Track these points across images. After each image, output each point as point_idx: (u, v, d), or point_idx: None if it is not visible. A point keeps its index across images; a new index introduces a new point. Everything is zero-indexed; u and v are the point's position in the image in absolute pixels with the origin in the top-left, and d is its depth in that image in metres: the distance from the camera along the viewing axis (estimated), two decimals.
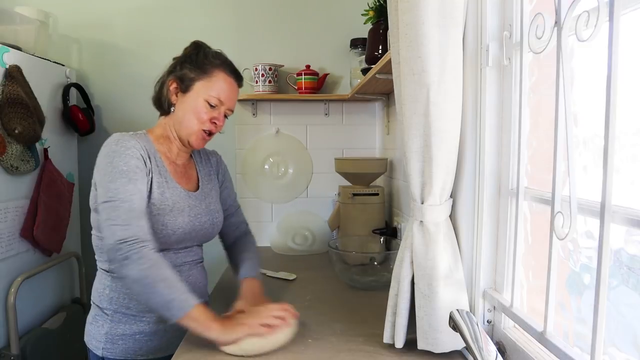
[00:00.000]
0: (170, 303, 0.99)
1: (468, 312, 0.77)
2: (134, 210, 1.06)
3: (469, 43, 0.97)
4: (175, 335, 1.18)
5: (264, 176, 2.23)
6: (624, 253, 0.68)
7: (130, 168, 1.09)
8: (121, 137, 1.15)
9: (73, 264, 2.02)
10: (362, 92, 1.89)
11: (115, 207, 1.05)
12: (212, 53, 1.25)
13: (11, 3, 1.94)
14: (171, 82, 1.22)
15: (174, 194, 1.19)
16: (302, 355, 1.01)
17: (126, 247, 1.01)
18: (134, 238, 1.02)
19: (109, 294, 1.19)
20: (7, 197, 1.60)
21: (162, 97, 1.24)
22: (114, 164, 1.09)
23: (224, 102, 1.22)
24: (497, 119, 0.96)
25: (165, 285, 1.00)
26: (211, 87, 1.20)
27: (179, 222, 1.18)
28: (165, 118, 1.26)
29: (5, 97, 1.54)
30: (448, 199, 0.99)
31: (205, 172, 1.35)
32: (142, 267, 1.00)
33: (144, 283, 1.00)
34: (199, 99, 1.19)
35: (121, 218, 1.04)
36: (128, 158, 1.10)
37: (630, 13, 0.63)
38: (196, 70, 1.20)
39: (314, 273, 1.70)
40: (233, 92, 1.25)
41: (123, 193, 1.06)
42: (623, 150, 0.66)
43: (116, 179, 1.07)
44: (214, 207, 1.31)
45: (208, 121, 1.21)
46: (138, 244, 1.02)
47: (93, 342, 1.19)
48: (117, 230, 1.03)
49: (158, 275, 1.00)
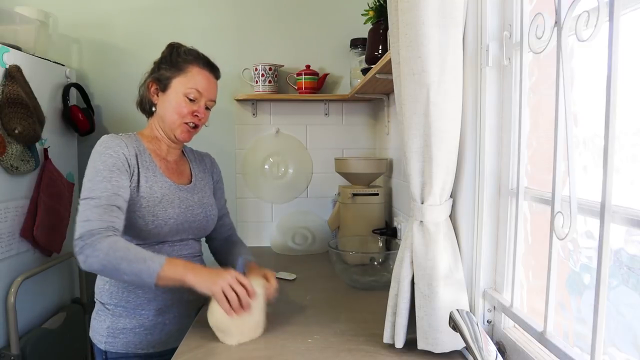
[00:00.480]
0: (140, 275, 1.03)
1: (468, 312, 0.77)
2: (100, 207, 1.08)
3: (469, 43, 0.97)
4: (176, 329, 1.23)
5: (264, 176, 2.23)
6: (624, 253, 0.68)
7: (107, 166, 1.14)
8: (107, 138, 1.21)
9: (73, 264, 2.02)
10: (362, 92, 1.89)
11: (84, 204, 1.10)
12: (185, 50, 1.30)
13: (11, 3, 1.94)
14: (150, 84, 1.28)
15: (162, 187, 1.24)
16: (302, 355, 1.01)
17: (81, 242, 1.04)
18: (87, 232, 1.05)
19: (108, 288, 1.22)
20: (7, 197, 1.59)
21: (144, 99, 1.31)
22: (94, 163, 1.15)
23: (202, 94, 1.27)
24: (497, 119, 0.96)
25: (126, 263, 1.03)
26: (187, 81, 1.25)
27: (169, 213, 1.22)
28: (152, 119, 1.32)
29: (5, 97, 1.54)
30: (448, 199, 0.99)
31: (199, 170, 1.40)
32: (99, 257, 1.03)
33: (108, 270, 1.05)
34: (178, 95, 1.25)
35: (84, 215, 1.08)
36: (106, 157, 1.15)
37: (630, 13, 0.63)
38: (172, 69, 1.26)
39: (314, 273, 1.70)
40: (210, 83, 1.29)
41: (94, 191, 1.10)
42: (623, 150, 0.66)
43: (92, 178, 1.13)
44: (207, 201, 1.35)
45: (189, 114, 1.26)
46: (92, 237, 1.04)
47: (97, 336, 1.23)
48: (78, 226, 1.07)
49: (115, 259, 1.03)
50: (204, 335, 1.11)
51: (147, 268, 1.03)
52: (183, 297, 1.25)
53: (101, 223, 1.06)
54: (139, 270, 1.03)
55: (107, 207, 1.09)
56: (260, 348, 1.05)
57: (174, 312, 1.25)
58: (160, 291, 1.20)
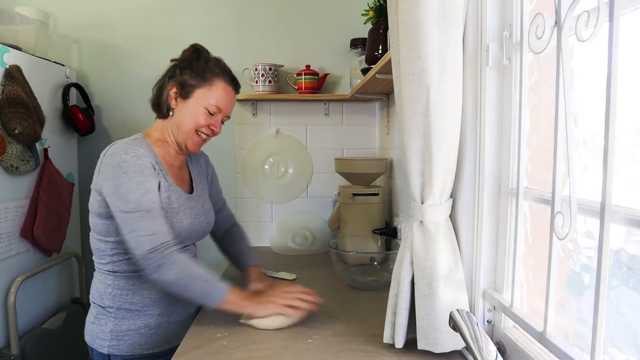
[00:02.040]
0: (207, 295, 1.11)
1: (468, 312, 0.77)
2: (157, 218, 1.12)
3: (469, 43, 0.97)
4: (179, 327, 1.24)
5: (264, 176, 2.23)
6: (624, 253, 0.68)
7: (145, 177, 1.13)
8: (127, 145, 1.17)
9: (73, 264, 2.02)
10: (362, 92, 1.89)
11: (139, 218, 1.10)
12: (213, 60, 1.27)
13: (11, 3, 1.94)
14: (171, 87, 1.24)
15: (177, 197, 1.23)
16: (302, 355, 1.01)
17: (157, 256, 1.08)
18: (161, 245, 1.09)
19: (111, 292, 1.21)
20: (7, 197, 1.59)
21: (162, 101, 1.26)
22: (129, 174, 1.12)
23: (222, 110, 1.26)
24: (497, 119, 0.96)
25: (199, 281, 1.11)
26: (211, 95, 1.23)
27: (184, 224, 1.23)
28: (163, 121, 1.28)
29: (5, 97, 1.54)
30: (448, 199, 0.99)
31: (196, 173, 1.39)
32: (175, 271, 1.09)
33: (180, 284, 1.10)
34: (199, 106, 1.23)
35: (146, 228, 1.09)
36: (142, 168, 1.14)
37: (630, 13, 0.63)
38: (197, 78, 1.23)
39: (314, 273, 1.70)
40: (231, 100, 1.29)
41: (144, 204, 1.11)
42: (623, 150, 0.66)
43: (134, 190, 1.11)
44: (207, 206, 1.37)
45: (206, 127, 1.25)
46: (166, 250, 1.09)
47: (97, 340, 1.21)
48: (143, 241, 1.09)
49: (190, 275, 1.10)
50: (205, 335, 1.11)
51: (214, 291, 1.11)
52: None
53: (169, 236, 1.11)
54: (207, 293, 1.11)
55: (161, 219, 1.12)
56: (260, 348, 1.05)
57: (178, 310, 1.26)
58: (164, 292, 1.20)
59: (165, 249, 1.09)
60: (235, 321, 1.17)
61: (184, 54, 1.27)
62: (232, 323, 1.17)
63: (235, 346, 1.06)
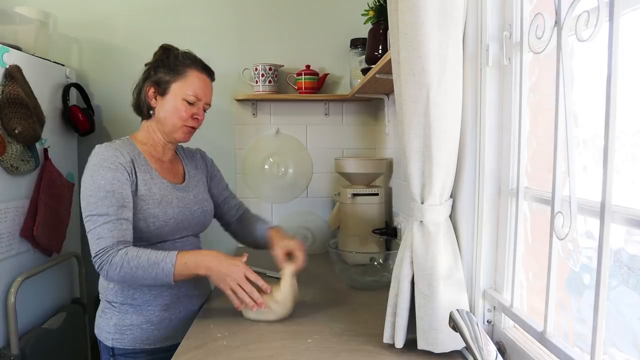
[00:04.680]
0: (157, 279, 1.12)
1: (468, 312, 0.77)
2: (109, 222, 1.13)
3: (469, 43, 0.97)
4: (181, 325, 1.26)
5: (264, 176, 2.23)
6: (624, 253, 0.68)
7: (107, 180, 1.16)
8: (101, 149, 1.22)
9: (73, 264, 2.02)
10: (362, 92, 1.89)
11: (93, 221, 1.14)
12: (182, 53, 1.31)
13: (11, 3, 1.94)
14: (148, 88, 1.29)
15: (160, 188, 1.26)
16: (302, 355, 1.01)
17: (98, 260, 1.12)
18: (101, 250, 1.12)
19: (113, 287, 1.25)
20: (7, 197, 1.59)
21: (142, 102, 1.31)
22: (94, 178, 1.17)
23: (201, 98, 1.30)
24: (497, 119, 0.96)
25: (142, 271, 1.11)
26: (187, 86, 1.27)
27: (169, 213, 1.25)
28: (148, 122, 1.33)
29: (5, 97, 1.54)
30: (448, 199, 0.99)
31: (191, 166, 1.42)
32: (117, 271, 1.11)
33: (127, 280, 1.14)
34: (177, 99, 1.27)
35: (95, 232, 1.13)
36: (105, 171, 1.17)
37: (630, 13, 0.63)
38: (170, 73, 1.27)
39: (314, 273, 1.70)
40: (207, 87, 1.32)
41: (100, 207, 1.14)
42: (623, 150, 0.66)
43: (95, 193, 1.15)
44: (202, 196, 1.38)
45: (190, 117, 1.29)
46: (107, 254, 1.12)
47: (103, 333, 1.25)
48: (92, 244, 1.14)
49: (130, 269, 1.11)
50: (205, 334, 1.11)
51: (162, 271, 1.11)
52: (188, 293, 1.30)
53: (112, 239, 1.13)
54: (155, 275, 1.11)
55: (115, 222, 1.14)
56: (260, 348, 1.05)
57: (180, 307, 1.28)
58: (166, 288, 1.23)
59: (103, 253, 1.11)
60: (235, 321, 1.17)
61: (155, 55, 1.32)
62: (233, 323, 1.17)
63: (235, 346, 1.06)
